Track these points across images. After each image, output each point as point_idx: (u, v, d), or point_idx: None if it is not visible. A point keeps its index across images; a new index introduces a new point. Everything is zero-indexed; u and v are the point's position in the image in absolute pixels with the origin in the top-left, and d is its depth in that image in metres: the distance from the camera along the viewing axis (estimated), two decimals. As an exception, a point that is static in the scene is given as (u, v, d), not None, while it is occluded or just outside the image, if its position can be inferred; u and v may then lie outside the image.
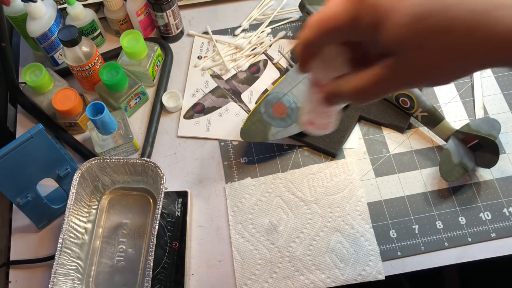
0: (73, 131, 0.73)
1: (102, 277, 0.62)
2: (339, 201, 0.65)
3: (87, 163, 0.62)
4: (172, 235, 0.63)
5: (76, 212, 0.62)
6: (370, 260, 0.61)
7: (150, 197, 0.67)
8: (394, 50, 0.30)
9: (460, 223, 0.63)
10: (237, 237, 0.64)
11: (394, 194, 0.66)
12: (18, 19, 0.73)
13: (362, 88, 0.33)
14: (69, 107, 0.68)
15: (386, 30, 0.29)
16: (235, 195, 0.67)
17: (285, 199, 0.66)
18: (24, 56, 0.82)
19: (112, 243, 0.64)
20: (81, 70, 0.71)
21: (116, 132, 0.68)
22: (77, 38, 0.67)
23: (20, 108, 0.76)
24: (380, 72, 0.32)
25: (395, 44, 0.29)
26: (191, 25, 0.84)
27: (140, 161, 0.63)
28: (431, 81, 0.32)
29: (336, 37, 0.32)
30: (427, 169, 0.68)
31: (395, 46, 0.30)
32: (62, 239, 0.59)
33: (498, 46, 0.28)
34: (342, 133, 0.69)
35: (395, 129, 0.71)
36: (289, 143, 0.71)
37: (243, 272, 0.62)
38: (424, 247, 0.62)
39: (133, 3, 0.75)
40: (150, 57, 0.75)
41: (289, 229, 0.64)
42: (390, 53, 0.30)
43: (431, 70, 0.30)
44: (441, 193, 0.66)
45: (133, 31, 0.73)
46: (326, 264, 0.61)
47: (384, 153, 0.69)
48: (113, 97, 0.71)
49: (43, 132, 0.59)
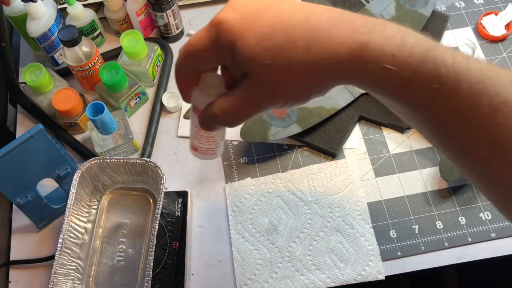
0: (73, 131, 0.73)
1: (102, 277, 0.62)
2: (339, 201, 0.65)
3: (87, 163, 0.62)
4: (172, 235, 0.63)
5: (76, 212, 0.62)
6: (370, 260, 0.61)
7: (150, 197, 0.67)
8: (249, 69, 0.33)
9: (460, 223, 0.63)
10: (237, 237, 0.64)
11: (394, 194, 0.66)
12: (18, 19, 0.73)
13: (229, 110, 0.35)
14: (69, 107, 0.68)
15: (239, 50, 0.32)
16: (235, 195, 0.67)
17: (285, 199, 0.66)
18: (24, 56, 0.82)
19: (112, 243, 0.64)
20: (81, 70, 0.71)
21: (116, 132, 0.68)
22: (77, 38, 0.67)
23: (20, 108, 0.76)
24: (241, 93, 0.34)
25: (248, 63, 0.32)
26: (191, 25, 0.84)
27: (140, 161, 0.63)
28: (287, 98, 0.34)
29: (201, 61, 0.35)
30: (427, 169, 0.68)
31: (248, 65, 0.32)
32: (62, 239, 0.59)
33: (333, 63, 0.31)
34: (342, 133, 0.69)
35: (395, 129, 0.71)
36: (289, 143, 0.71)
37: (243, 272, 0.62)
38: (424, 247, 0.62)
39: (133, 3, 0.75)
40: (150, 57, 0.75)
41: (289, 229, 0.64)
42: (247, 73, 0.33)
43: (283, 87, 0.33)
44: (441, 193, 0.66)
45: (133, 31, 0.73)
46: (326, 264, 0.61)
47: (384, 153, 0.69)
48: (113, 97, 0.71)
49: (43, 132, 0.59)
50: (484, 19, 0.78)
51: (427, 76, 0.30)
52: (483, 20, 0.78)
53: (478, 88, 0.29)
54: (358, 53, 0.31)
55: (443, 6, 0.81)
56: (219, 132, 0.43)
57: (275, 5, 0.33)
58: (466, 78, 0.30)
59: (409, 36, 0.31)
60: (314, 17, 0.32)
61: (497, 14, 0.78)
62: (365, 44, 0.31)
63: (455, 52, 0.31)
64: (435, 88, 0.30)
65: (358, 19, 0.32)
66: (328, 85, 0.34)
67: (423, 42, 0.31)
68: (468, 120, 0.30)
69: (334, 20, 0.32)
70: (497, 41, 0.77)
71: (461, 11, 0.81)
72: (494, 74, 0.30)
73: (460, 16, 0.80)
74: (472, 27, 0.79)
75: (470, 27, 0.79)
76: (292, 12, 0.32)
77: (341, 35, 0.31)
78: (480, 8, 0.80)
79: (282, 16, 0.32)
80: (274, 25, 0.31)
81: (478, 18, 0.78)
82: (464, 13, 0.80)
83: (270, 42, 0.31)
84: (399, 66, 0.30)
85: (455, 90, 0.30)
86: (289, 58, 0.31)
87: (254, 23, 0.32)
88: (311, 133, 0.69)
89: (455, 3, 0.81)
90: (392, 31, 0.31)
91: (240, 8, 0.32)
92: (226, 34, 0.32)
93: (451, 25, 0.79)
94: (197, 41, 0.34)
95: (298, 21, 0.32)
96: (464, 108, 0.30)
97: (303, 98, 0.35)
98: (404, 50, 0.30)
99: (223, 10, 0.33)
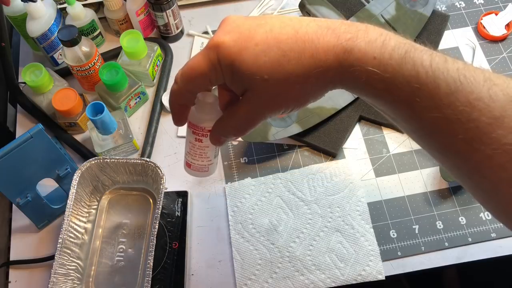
0: (73, 131, 0.73)
1: (102, 277, 0.62)
2: (339, 201, 0.65)
3: (87, 163, 0.62)
4: (172, 235, 0.63)
5: (76, 212, 0.62)
6: (370, 260, 0.61)
7: (150, 197, 0.67)
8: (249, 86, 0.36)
9: (460, 223, 0.63)
10: (237, 237, 0.64)
11: (394, 194, 0.66)
12: (18, 19, 0.73)
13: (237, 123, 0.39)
14: (69, 107, 0.68)
15: (238, 69, 0.35)
16: (235, 195, 0.67)
17: (285, 199, 0.66)
18: (24, 56, 0.82)
19: (112, 243, 0.64)
20: (81, 70, 0.71)
21: (116, 132, 0.68)
22: (77, 38, 0.67)
23: (20, 108, 0.76)
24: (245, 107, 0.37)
25: (247, 80, 0.35)
26: (191, 25, 0.84)
27: (140, 161, 0.63)
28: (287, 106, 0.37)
29: (201, 83, 0.37)
30: (427, 169, 0.68)
31: (248, 82, 0.35)
32: (62, 239, 0.59)
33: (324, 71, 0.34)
34: (342, 133, 0.69)
35: (395, 129, 0.71)
36: (289, 143, 0.71)
37: (243, 272, 0.62)
38: (424, 247, 0.62)
39: (133, 3, 0.75)
40: (150, 57, 0.75)
41: (289, 229, 0.64)
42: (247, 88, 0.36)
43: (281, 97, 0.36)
44: (441, 193, 0.66)
45: (133, 31, 0.73)
46: (326, 264, 0.61)
47: (384, 153, 0.69)
48: (113, 97, 0.71)
49: (43, 132, 0.59)
50: (484, 19, 0.78)
51: (406, 77, 0.33)
52: (483, 20, 0.78)
53: (455, 87, 0.32)
54: (344, 58, 0.34)
55: (443, 6, 0.81)
56: (211, 148, 0.45)
57: (265, 22, 0.36)
58: (443, 77, 0.32)
59: (389, 40, 0.34)
60: (301, 29, 0.35)
61: (497, 14, 0.78)
62: (349, 49, 0.33)
63: (433, 53, 0.33)
64: (415, 88, 0.32)
65: (342, 26, 0.35)
66: (321, 90, 0.37)
67: (403, 45, 0.33)
68: (447, 116, 0.32)
69: (320, 30, 0.35)
70: (497, 41, 0.77)
71: (461, 11, 0.80)
72: (469, 73, 0.32)
73: (460, 16, 0.80)
74: (472, 27, 0.79)
75: (470, 27, 0.79)
76: (281, 27, 0.35)
77: (327, 43, 0.34)
78: (480, 8, 0.80)
79: (273, 32, 0.35)
80: (267, 42, 0.34)
81: (478, 18, 0.78)
82: (464, 13, 0.80)
83: (266, 59, 0.34)
84: (381, 68, 0.33)
85: (433, 89, 0.32)
86: (284, 72, 0.34)
87: (249, 43, 0.34)
88: (311, 133, 0.69)
89: (455, 3, 0.81)
90: (374, 35, 0.34)
91: (235, 29, 0.35)
92: (225, 56, 0.35)
93: (451, 25, 0.79)
94: (196, 65, 0.36)
95: (288, 35, 0.34)
96: (442, 105, 0.32)
97: (301, 104, 0.38)
98: (385, 53, 0.33)
99: (218, 34, 0.36)
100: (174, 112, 0.41)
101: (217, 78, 0.36)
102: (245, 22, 0.36)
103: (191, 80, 0.37)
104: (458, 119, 0.32)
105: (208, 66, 0.35)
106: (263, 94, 0.36)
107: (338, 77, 0.35)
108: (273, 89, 0.35)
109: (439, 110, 0.32)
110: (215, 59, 0.35)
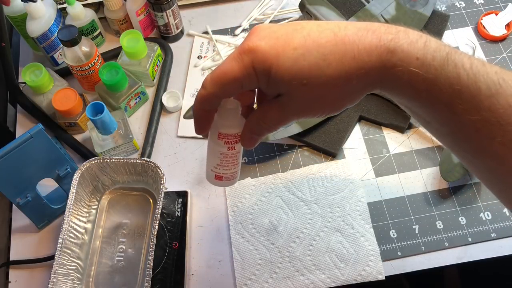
0: (73, 131, 0.73)
1: (102, 277, 0.62)
2: (339, 201, 0.65)
3: (87, 163, 0.62)
4: (172, 235, 0.63)
5: (76, 212, 0.62)
6: (370, 260, 0.61)
7: (150, 197, 0.67)
8: (286, 90, 0.35)
9: (460, 223, 0.63)
10: (237, 237, 0.64)
11: (394, 194, 0.66)
12: (18, 19, 0.73)
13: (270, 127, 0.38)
14: (69, 107, 0.68)
15: (276, 74, 0.34)
16: (235, 195, 0.67)
17: (285, 199, 0.66)
18: (24, 56, 0.82)
19: (112, 243, 0.64)
20: (81, 70, 0.71)
21: (116, 132, 0.68)
22: (77, 38, 0.67)
23: (20, 108, 0.76)
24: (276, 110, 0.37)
25: (285, 85, 0.34)
26: (191, 25, 0.84)
27: (140, 161, 0.63)
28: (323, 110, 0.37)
29: (232, 88, 0.36)
30: (427, 169, 0.67)
31: (285, 87, 0.35)
32: (62, 239, 0.59)
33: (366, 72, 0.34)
34: (342, 133, 0.69)
35: (395, 129, 0.71)
36: (289, 143, 0.71)
37: (243, 272, 0.62)
38: (424, 247, 0.62)
39: (133, 3, 0.75)
40: (150, 57, 0.75)
41: (289, 229, 0.64)
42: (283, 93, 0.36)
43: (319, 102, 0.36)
44: (441, 193, 0.66)
45: (133, 31, 0.73)
46: (326, 264, 0.61)
47: (384, 153, 0.69)
48: (113, 97, 0.71)
49: (43, 132, 0.59)
50: (484, 19, 0.78)
51: (449, 78, 0.32)
52: (483, 20, 0.78)
53: (495, 89, 0.32)
54: (387, 58, 0.33)
55: (443, 6, 0.81)
56: (241, 152, 0.45)
57: (301, 27, 0.35)
58: (483, 80, 0.32)
59: (430, 41, 0.34)
60: (340, 32, 0.34)
61: (497, 14, 0.78)
62: (392, 49, 0.33)
63: (471, 57, 0.34)
64: (456, 90, 0.32)
65: (382, 27, 0.34)
66: (360, 93, 0.36)
67: (443, 47, 0.33)
68: (486, 119, 0.32)
69: (359, 32, 0.34)
70: (497, 41, 0.77)
71: (461, 11, 0.80)
72: (508, 77, 0.33)
73: (460, 16, 0.80)
74: (472, 27, 0.79)
75: (470, 27, 0.79)
76: (319, 31, 0.34)
77: (369, 44, 0.33)
78: (480, 8, 0.80)
79: (311, 35, 0.34)
80: (305, 45, 0.34)
81: (478, 18, 0.78)
82: (464, 13, 0.80)
83: (305, 63, 0.33)
84: (423, 69, 0.33)
85: (474, 91, 0.32)
86: (324, 76, 0.34)
87: (286, 47, 0.34)
88: (311, 133, 0.69)
89: (455, 3, 0.81)
90: (415, 36, 0.34)
91: (270, 35, 0.34)
92: (261, 60, 0.34)
93: (451, 25, 0.79)
94: (228, 69, 0.35)
95: (327, 38, 0.34)
96: (482, 108, 0.32)
97: (337, 109, 0.38)
98: (427, 54, 0.33)
99: (252, 39, 0.35)
100: (199, 119, 0.40)
101: (250, 83, 0.36)
102: (281, 28, 0.35)
103: (223, 85, 0.36)
104: (498, 121, 0.32)
105: (241, 71, 0.35)
106: (299, 99, 0.35)
107: (379, 78, 0.34)
108: (311, 94, 0.35)
109: (478, 113, 0.32)
110: (249, 64, 0.34)
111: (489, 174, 0.36)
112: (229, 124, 0.41)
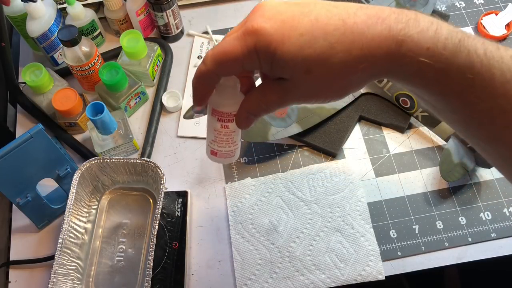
0: (73, 131, 0.73)
1: (102, 277, 0.62)
2: (339, 201, 0.65)
3: (87, 163, 0.62)
4: (172, 235, 0.63)
5: (76, 212, 0.62)
6: (370, 260, 0.61)
7: (150, 197, 0.67)
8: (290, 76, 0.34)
9: (460, 223, 0.63)
10: (237, 237, 0.64)
11: (394, 194, 0.66)
12: (18, 19, 0.73)
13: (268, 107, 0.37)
14: (69, 107, 0.68)
15: (280, 58, 0.33)
16: (235, 195, 0.67)
17: (285, 199, 0.66)
18: (24, 56, 0.82)
19: (112, 243, 0.64)
20: (81, 70, 0.71)
21: (116, 132, 0.68)
22: (77, 38, 0.67)
23: (20, 108, 0.76)
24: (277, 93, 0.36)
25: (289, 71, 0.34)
26: (191, 25, 0.84)
27: (140, 161, 0.63)
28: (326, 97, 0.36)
29: (232, 68, 0.35)
30: (427, 169, 0.67)
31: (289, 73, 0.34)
32: (62, 239, 0.59)
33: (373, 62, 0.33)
34: (342, 133, 0.69)
35: (395, 129, 0.71)
36: (289, 143, 0.71)
37: (243, 272, 0.62)
38: (424, 247, 0.62)
39: (133, 3, 0.75)
40: (150, 57, 0.75)
41: (289, 229, 0.64)
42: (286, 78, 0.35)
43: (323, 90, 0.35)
44: (441, 193, 0.66)
45: (133, 31, 0.73)
46: (326, 264, 0.61)
47: (384, 153, 0.69)
48: (113, 97, 0.71)
49: (43, 132, 0.59)
50: (484, 19, 0.78)
51: (461, 67, 0.31)
52: (483, 20, 0.78)
53: (510, 75, 0.31)
54: (396, 49, 0.32)
55: (443, 6, 0.81)
56: (238, 132, 0.44)
57: (309, 10, 0.33)
58: (498, 66, 0.31)
59: (441, 28, 0.32)
60: (349, 19, 0.33)
61: (497, 14, 0.78)
62: (402, 40, 0.32)
63: (485, 41, 0.32)
64: (468, 78, 0.31)
65: (392, 15, 0.33)
66: (365, 82, 0.35)
67: (455, 34, 0.32)
68: (500, 106, 0.31)
69: (369, 20, 0.33)
70: (497, 41, 0.77)
71: (461, 11, 0.80)
72: None
73: (460, 16, 0.80)
74: (472, 27, 0.79)
75: (470, 27, 0.79)
76: (328, 17, 0.33)
77: (378, 34, 0.32)
78: (480, 8, 0.80)
79: (319, 21, 0.33)
80: (312, 32, 0.32)
81: (478, 18, 0.78)
82: (464, 13, 0.80)
83: (311, 50, 0.32)
84: (434, 59, 0.31)
85: (488, 78, 0.31)
86: (329, 64, 0.33)
87: (292, 32, 0.32)
88: (311, 133, 0.69)
89: (455, 3, 0.81)
90: (426, 23, 0.32)
91: (276, 16, 0.33)
92: (265, 43, 0.33)
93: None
94: (229, 49, 0.34)
95: (335, 26, 0.32)
96: (497, 95, 0.31)
97: (340, 96, 0.36)
98: (438, 43, 0.31)
99: (257, 19, 0.33)
100: (197, 93, 0.39)
101: (251, 65, 0.35)
102: (288, 9, 0.33)
103: (223, 63, 0.35)
104: None
105: (243, 52, 0.34)
106: (303, 86, 0.34)
107: (386, 68, 0.33)
108: (315, 82, 0.34)
109: (493, 100, 0.31)
110: (252, 45, 0.33)
111: (502, 162, 0.35)
112: (225, 103, 0.40)
